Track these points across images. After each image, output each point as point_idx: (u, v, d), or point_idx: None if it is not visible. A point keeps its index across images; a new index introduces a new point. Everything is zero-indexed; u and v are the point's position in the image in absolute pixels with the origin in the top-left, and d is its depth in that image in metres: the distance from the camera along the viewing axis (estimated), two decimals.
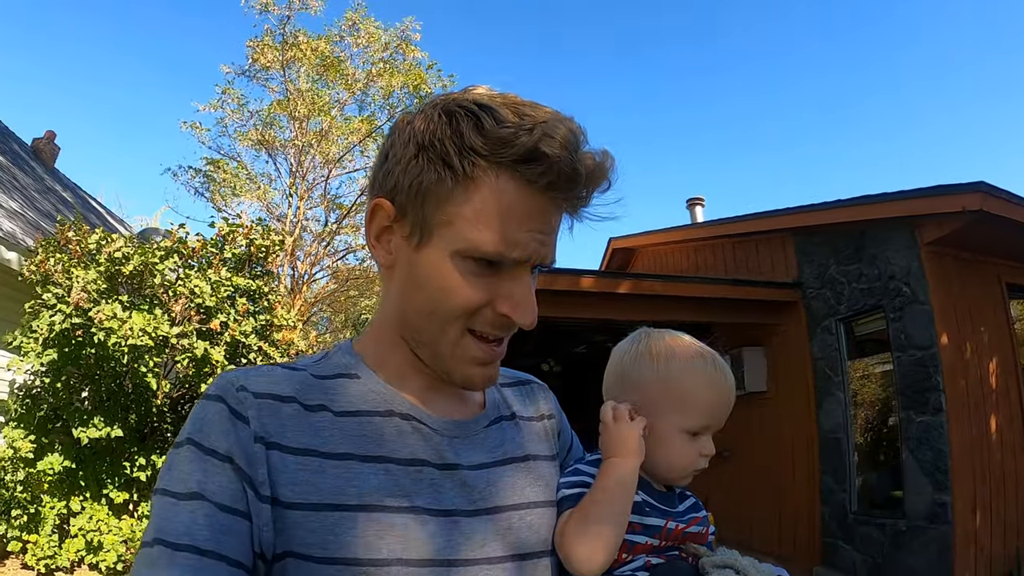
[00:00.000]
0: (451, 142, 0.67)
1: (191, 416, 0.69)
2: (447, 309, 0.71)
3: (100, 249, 6.60)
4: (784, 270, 7.03)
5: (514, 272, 0.71)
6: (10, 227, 6.92)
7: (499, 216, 0.67)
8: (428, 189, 0.69)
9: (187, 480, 0.64)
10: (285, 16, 12.36)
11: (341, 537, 0.64)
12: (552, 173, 0.66)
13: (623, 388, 0.92)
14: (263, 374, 0.73)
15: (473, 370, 0.74)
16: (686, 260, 9.07)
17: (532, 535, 0.77)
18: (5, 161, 9.19)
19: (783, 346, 6.90)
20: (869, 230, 5.89)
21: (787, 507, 6.46)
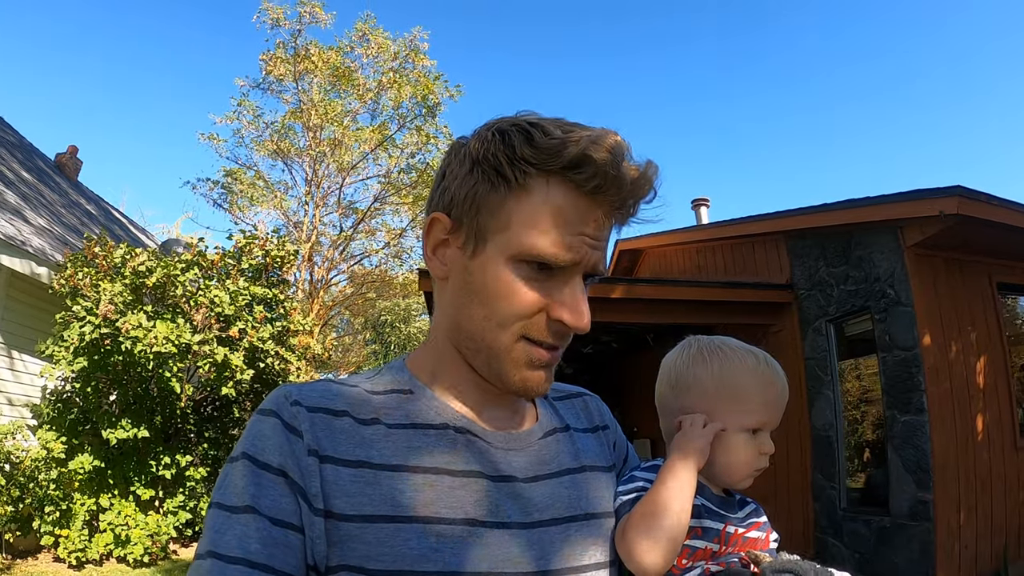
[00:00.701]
0: (503, 155, 0.70)
1: (246, 430, 0.71)
2: (502, 314, 0.72)
3: (125, 263, 6.95)
4: (778, 272, 7.19)
5: (567, 278, 0.72)
6: (39, 243, 7.34)
7: (551, 220, 0.70)
8: (482, 198, 0.72)
9: (241, 494, 0.65)
10: (296, 30, 12.77)
11: (396, 548, 0.65)
12: (599, 177, 0.69)
13: (678, 393, 0.92)
14: (316, 389, 0.73)
15: (529, 374, 0.74)
16: (688, 261, 9.25)
17: (589, 547, 0.76)
18: (31, 178, 9.66)
19: (779, 346, 7.06)
20: (856, 233, 6.03)
21: (782, 503, 6.64)
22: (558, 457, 0.81)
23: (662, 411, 0.95)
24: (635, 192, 0.72)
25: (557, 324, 0.72)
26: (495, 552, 0.68)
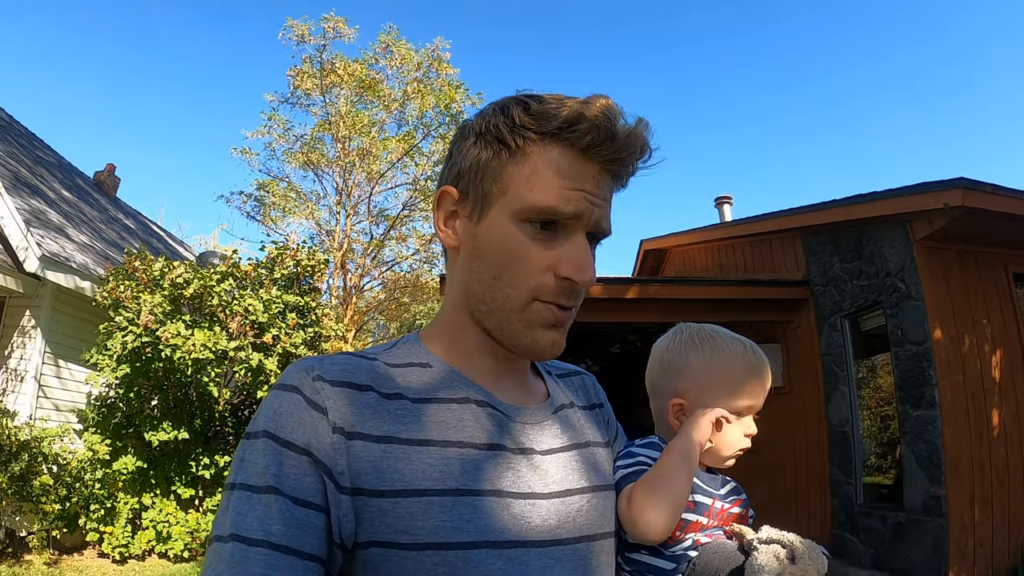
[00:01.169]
0: (504, 124, 0.75)
1: (265, 407, 0.69)
2: (511, 274, 0.74)
3: (164, 275, 7.30)
4: (795, 268, 7.20)
5: (569, 235, 0.74)
6: (83, 259, 7.78)
7: (549, 177, 0.72)
8: (485, 165, 0.75)
9: (263, 474, 0.64)
10: (321, 45, 13.18)
11: (429, 522, 0.65)
12: (593, 132, 0.72)
13: (669, 377, 0.98)
14: (338, 362, 0.73)
15: (540, 333, 0.75)
16: (710, 259, 9.27)
17: (597, 518, 0.80)
18: (72, 196, 10.16)
19: (797, 342, 7.08)
20: (867, 228, 6.03)
21: (802, 499, 6.65)
22: (567, 432, 0.84)
23: (653, 393, 1.01)
24: (628, 147, 0.74)
25: (565, 282, 0.74)
26: (521, 522, 0.70)
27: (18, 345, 7.16)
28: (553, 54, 46.00)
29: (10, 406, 6.39)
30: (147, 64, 51.25)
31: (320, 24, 13.12)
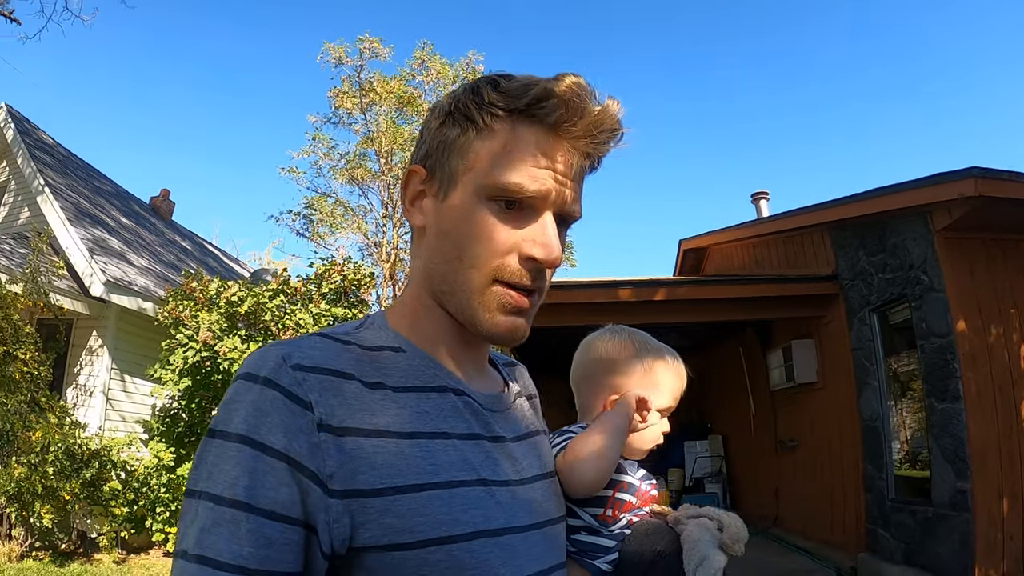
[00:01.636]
0: (472, 102, 0.73)
1: (236, 401, 0.63)
2: (474, 254, 0.72)
3: (219, 294, 7.79)
4: (825, 263, 7.14)
5: (536, 215, 0.72)
6: (144, 282, 8.40)
7: (515, 154, 0.71)
8: (452, 143, 0.74)
9: (233, 485, 0.59)
10: (358, 65, 13.72)
11: (431, 516, 0.63)
12: (561, 108, 0.70)
13: (611, 374, 1.05)
14: (315, 347, 0.68)
15: (499, 318, 0.73)
16: (747, 256, 9.22)
17: (555, 502, 0.82)
18: (130, 223, 10.95)
19: (830, 337, 7.02)
20: (890, 221, 5.96)
21: (837, 495, 6.60)
22: (523, 420, 0.85)
23: (586, 383, 1.08)
24: (598, 125, 0.72)
25: (529, 262, 0.72)
26: (506, 509, 0.71)
27: (87, 363, 7.80)
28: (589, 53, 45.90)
29: (81, 418, 6.99)
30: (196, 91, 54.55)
31: (356, 46, 13.73)
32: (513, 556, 0.69)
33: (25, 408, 6.14)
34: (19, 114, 10.22)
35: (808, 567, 6.28)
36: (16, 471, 5.76)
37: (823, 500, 6.85)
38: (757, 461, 8.68)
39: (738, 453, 9.46)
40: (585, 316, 7.14)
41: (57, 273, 7.27)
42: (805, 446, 7.36)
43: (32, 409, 6.22)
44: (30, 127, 10.43)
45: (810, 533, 6.93)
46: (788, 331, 7.61)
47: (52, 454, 6.03)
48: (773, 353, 7.90)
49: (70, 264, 7.80)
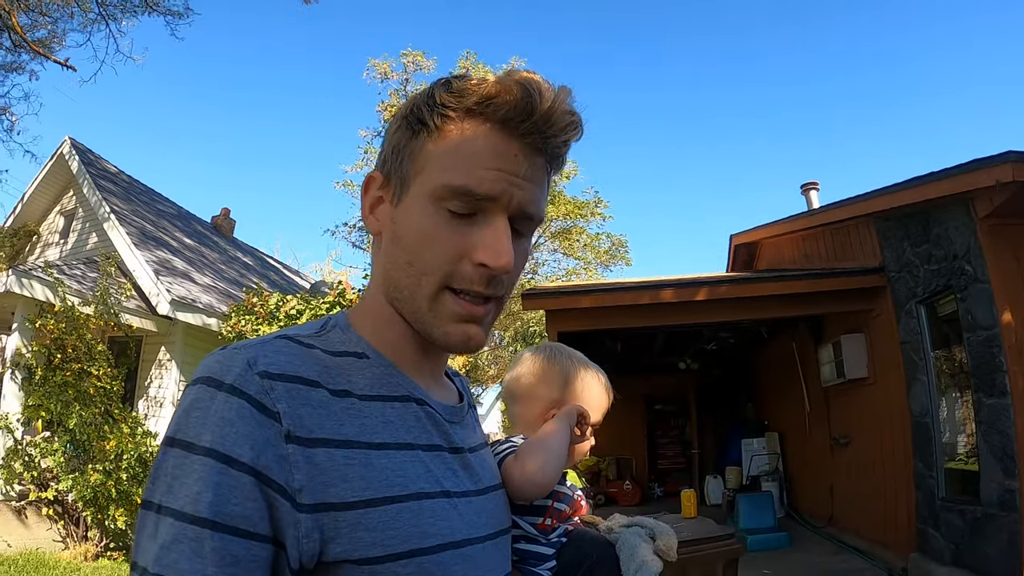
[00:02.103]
0: (424, 104, 0.71)
1: (196, 409, 0.60)
2: (424, 259, 0.70)
3: (279, 308, 8.19)
4: (872, 255, 6.92)
5: (488, 220, 0.70)
6: (208, 299, 8.92)
7: (466, 156, 0.68)
8: (405, 147, 0.72)
9: (196, 500, 0.56)
10: (404, 79, 14.09)
11: (400, 530, 0.63)
12: (508, 107, 0.68)
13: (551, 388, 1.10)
14: (280, 351, 0.66)
15: (451, 327, 0.72)
16: (796, 250, 9.00)
17: (504, 512, 0.84)
18: (193, 243, 11.60)
19: (878, 331, 6.81)
20: (932, 210, 5.74)
21: (889, 493, 6.39)
22: (476, 431, 0.85)
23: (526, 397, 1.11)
24: (548, 119, 0.70)
25: (480, 269, 0.69)
26: (468, 520, 0.71)
27: (156, 376, 8.36)
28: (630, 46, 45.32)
29: (152, 428, 7.49)
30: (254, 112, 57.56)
31: (400, 60, 14.12)
32: (474, 567, 0.70)
33: (99, 420, 6.65)
34: (82, 146, 10.96)
35: (859, 567, 6.12)
36: (92, 477, 6.26)
37: (875, 498, 6.64)
38: (812, 458, 8.48)
39: (794, 450, 9.25)
40: (630, 318, 7.18)
41: (126, 294, 7.83)
42: (857, 443, 7.16)
43: (106, 420, 6.72)
44: (93, 157, 11.18)
45: (864, 532, 6.74)
46: (838, 325, 7.41)
47: (125, 461, 6.50)
48: (824, 348, 7.70)
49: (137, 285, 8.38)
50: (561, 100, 0.70)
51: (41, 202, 11.27)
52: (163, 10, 8.66)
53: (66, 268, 8.35)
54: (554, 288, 8.64)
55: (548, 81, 0.70)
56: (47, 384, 6.39)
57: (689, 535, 3.88)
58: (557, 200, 14.97)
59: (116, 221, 8.94)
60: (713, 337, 9.84)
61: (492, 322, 0.76)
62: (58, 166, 10.66)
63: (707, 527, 4.09)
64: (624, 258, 17.94)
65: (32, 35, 8.58)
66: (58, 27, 8.95)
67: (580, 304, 7.12)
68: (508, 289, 0.75)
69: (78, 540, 6.70)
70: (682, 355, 11.07)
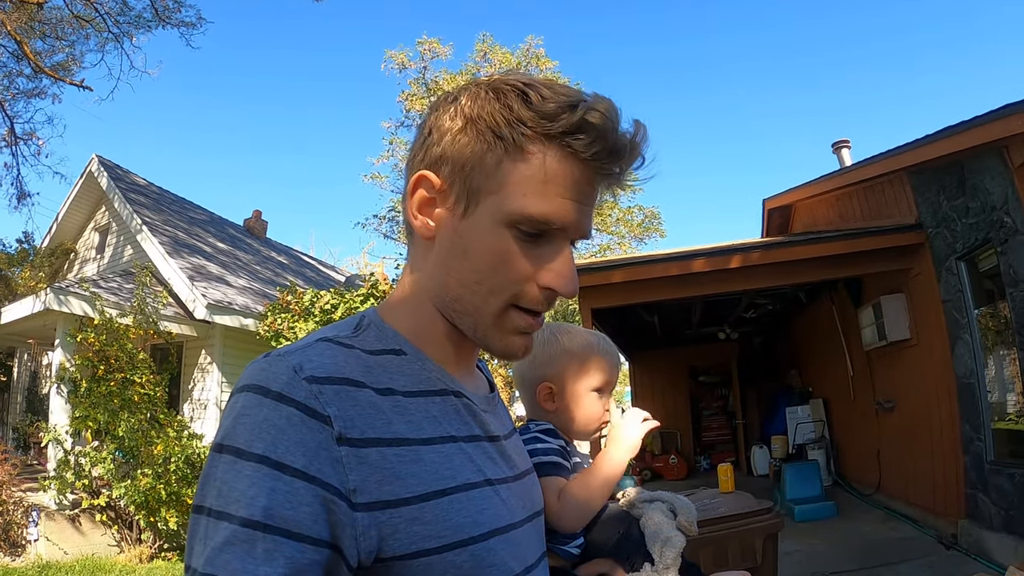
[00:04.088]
0: (500, 115, 0.69)
1: (245, 416, 0.61)
2: (494, 280, 0.71)
3: (313, 304, 8.33)
4: (908, 211, 6.65)
5: (557, 244, 0.72)
6: (243, 300, 9.11)
7: (546, 184, 0.69)
8: (477, 158, 0.70)
9: (249, 504, 0.56)
10: (422, 67, 14.07)
11: (453, 521, 0.65)
12: (598, 144, 0.69)
13: (536, 368, 1.13)
14: (323, 355, 0.67)
15: (515, 340, 0.75)
16: (832, 211, 8.70)
17: (538, 494, 0.87)
18: (226, 247, 11.84)
19: (919, 290, 6.55)
20: (966, 160, 5.47)
21: (937, 457, 6.18)
22: (506, 418, 0.88)
23: (523, 384, 1.16)
24: (629, 158, 0.72)
25: (547, 292, 0.72)
26: (509, 505, 0.74)
27: (198, 379, 8.59)
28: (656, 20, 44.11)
29: (197, 429, 7.73)
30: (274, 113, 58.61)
31: (416, 49, 14.11)
32: (519, 549, 0.73)
33: (146, 425, 6.89)
34: (110, 162, 11.26)
35: (910, 535, 5.96)
36: (142, 482, 6.50)
37: (923, 463, 6.43)
38: (858, 424, 8.25)
39: (839, 417, 9.02)
40: (663, 290, 7.06)
41: (163, 302, 8.06)
42: (902, 407, 6.93)
43: (152, 426, 6.96)
44: (122, 172, 11.48)
45: (912, 499, 6.55)
46: (877, 286, 7.15)
47: (173, 464, 6.74)
48: (864, 310, 7.46)
49: (174, 292, 8.60)
50: (638, 138, 0.72)
51: (75, 220, 11.68)
52: (176, 22, 8.80)
53: (102, 282, 8.66)
54: (584, 264, 8.50)
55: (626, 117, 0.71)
56: (92, 395, 6.64)
57: (727, 510, 3.80)
58: None
59: (148, 232, 9.20)
60: (751, 305, 9.64)
61: None
62: (88, 184, 11.00)
63: (745, 501, 4.00)
64: (658, 230, 17.73)
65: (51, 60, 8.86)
66: (75, 49, 9.21)
67: (611, 279, 7.02)
68: None
69: (132, 543, 6.98)
70: (721, 325, 10.89)
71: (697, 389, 12.71)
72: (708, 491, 4.78)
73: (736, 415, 11.79)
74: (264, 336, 8.23)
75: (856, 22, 52.51)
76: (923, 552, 5.41)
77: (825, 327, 8.92)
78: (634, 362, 13.70)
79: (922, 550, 5.46)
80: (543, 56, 13.67)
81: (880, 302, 6.89)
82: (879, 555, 5.45)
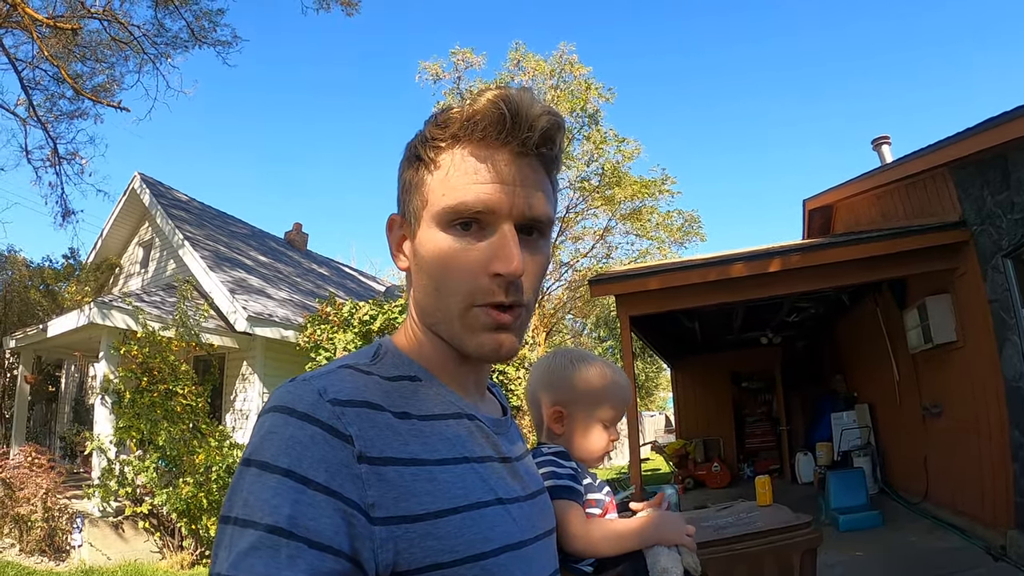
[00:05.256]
0: (419, 141, 0.78)
1: (273, 435, 0.64)
2: (446, 283, 0.75)
3: (352, 315, 8.45)
4: (951, 209, 6.40)
5: (495, 230, 0.74)
6: (284, 312, 9.29)
7: (458, 177, 0.74)
8: (409, 184, 0.79)
9: (274, 512, 0.59)
10: (456, 77, 14.18)
11: (464, 537, 0.68)
12: (484, 122, 0.73)
13: (550, 391, 1.19)
14: (344, 380, 0.71)
15: (483, 337, 0.76)
16: (874, 210, 8.45)
17: (549, 512, 0.90)
18: (267, 260, 12.06)
19: (965, 290, 6.29)
20: (1010, 153, 5.26)
21: (985, 465, 5.91)
22: (519, 440, 0.91)
23: (534, 404, 1.21)
24: (523, 123, 0.73)
25: (496, 278, 0.73)
26: (521, 524, 0.77)
27: (240, 390, 8.79)
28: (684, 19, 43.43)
29: (239, 439, 7.89)
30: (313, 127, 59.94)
31: (450, 59, 14.22)
32: (529, 565, 0.77)
33: (188, 435, 7.08)
34: (151, 179, 11.58)
35: (957, 546, 5.71)
36: (184, 490, 6.67)
37: (971, 471, 6.16)
38: (904, 430, 7.96)
39: (885, 422, 8.71)
40: (701, 296, 6.95)
41: (204, 315, 8.28)
42: (950, 412, 6.66)
43: (194, 435, 7.14)
44: (164, 189, 11.81)
45: (960, 507, 6.27)
46: (922, 287, 6.90)
47: (215, 472, 6.89)
48: (909, 312, 7.20)
49: (215, 305, 8.83)
50: (527, 101, 0.74)
51: (119, 236, 12.06)
52: (212, 41, 9.06)
53: (145, 296, 8.95)
54: (620, 272, 8.46)
55: (514, 88, 0.76)
56: (136, 406, 6.85)
57: (763, 524, 3.72)
58: (623, 181, 14.73)
59: (190, 247, 9.47)
60: (793, 309, 9.42)
61: (523, 328, 0.79)
62: (131, 201, 11.34)
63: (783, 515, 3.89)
64: (698, 234, 17.50)
65: (92, 82, 9.19)
66: (115, 71, 9.53)
67: (648, 286, 6.96)
68: (532, 294, 0.79)
69: (174, 550, 7.16)
70: (763, 330, 10.66)
71: (740, 395, 12.46)
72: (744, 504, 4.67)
73: (780, 421, 11.51)
74: (303, 347, 8.36)
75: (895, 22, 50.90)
76: (971, 564, 5.18)
77: (869, 330, 8.65)
78: (675, 369, 13.50)
79: (970, 562, 5.23)
80: (576, 62, 13.68)
81: (925, 303, 6.66)
82: (925, 567, 5.25)
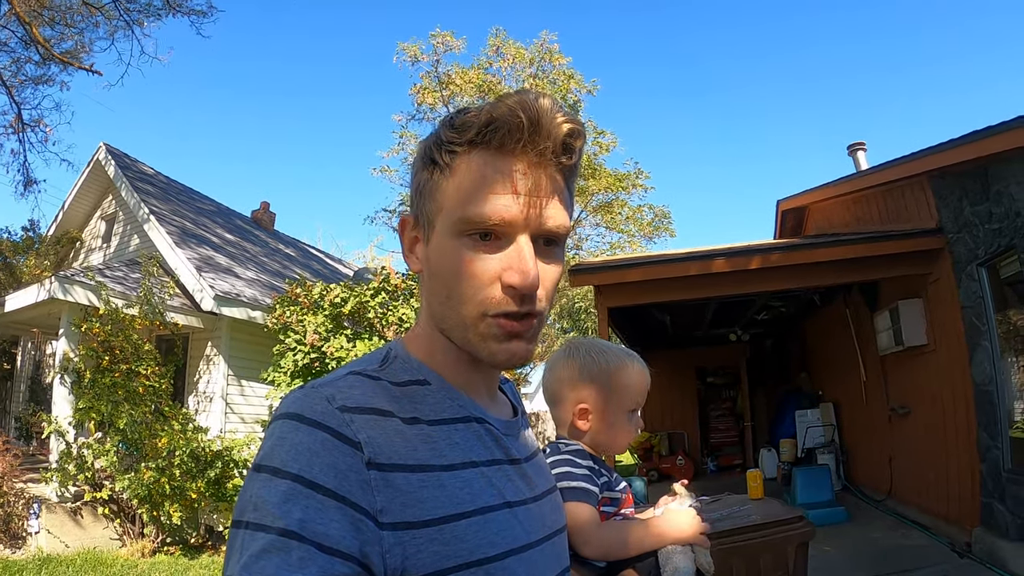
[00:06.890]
0: (433, 143, 0.76)
1: (283, 440, 0.65)
2: (460, 292, 0.74)
3: (323, 297, 8.21)
4: (928, 216, 6.54)
5: (512, 240, 0.73)
6: (251, 292, 9.03)
7: (475, 186, 0.72)
8: (424, 187, 0.77)
9: (285, 515, 0.60)
10: (434, 60, 13.97)
11: (470, 542, 0.69)
12: (503, 130, 0.71)
13: (571, 387, 1.18)
14: (353, 386, 0.72)
15: (495, 346, 0.75)
16: (848, 214, 8.60)
17: (559, 513, 0.91)
18: (234, 238, 11.71)
19: (938, 296, 6.45)
20: (991, 166, 5.37)
21: (952, 465, 6.09)
22: (529, 441, 0.91)
23: (555, 402, 1.21)
24: (542, 131, 0.72)
25: (510, 290, 0.72)
26: (527, 526, 0.77)
27: (204, 372, 8.52)
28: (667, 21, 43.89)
29: (203, 423, 7.67)
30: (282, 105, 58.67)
31: (429, 42, 14.05)
32: (536, 568, 0.77)
33: (150, 418, 6.82)
34: (117, 150, 11.13)
35: (922, 542, 5.87)
36: (145, 475, 6.43)
37: (938, 471, 6.34)
38: (870, 430, 8.16)
39: (850, 422, 8.93)
40: (680, 290, 6.97)
41: (169, 293, 7.99)
42: (917, 413, 6.84)
43: (157, 418, 6.89)
44: (130, 161, 11.37)
45: (926, 506, 6.46)
46: (895, 291, 7.06)
47: (178, 457, 6.66)
48: (880, 315, 7.37)
49: (180, 283, 8.53)
50: (548, 109, 0.72)
51: (82, 208, 11.58)
52: (186, 10, 8.71)
53: (108, 271, 8.58)
54: (601, 263, 8.40)
55: (535, 94, 0.73)
56: (96, 386, 6.56)
57: (759, 518, 3.71)
58: (598, 173, 14.75)
59: (156, 221, 9.12)
60: (764, 306, 9.55)
61: (536, 335, 0.78)
62: (95, 172, 10.89)
63: (775, 509, 3.89)
64: (668, 229, 17.61)
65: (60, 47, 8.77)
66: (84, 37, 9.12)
67: (628, 278, 6.94)
68: (547, 302, 0.77)
69: (134, 537, 6.92)
70: (732, 326, 10.80)
71: (705, 390, 12.62)
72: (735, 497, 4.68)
73: (744, 417, 11.69)
74: (272, 329, 8.13)
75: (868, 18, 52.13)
76: (937, 560, 5.33)
77: (838, 331, 8.82)
78: None
79: (936, 558, 5.38)
80: (556, 52, 13.56)
81: (897, 307, 6.81)
82: (892, 562, 5.37)
